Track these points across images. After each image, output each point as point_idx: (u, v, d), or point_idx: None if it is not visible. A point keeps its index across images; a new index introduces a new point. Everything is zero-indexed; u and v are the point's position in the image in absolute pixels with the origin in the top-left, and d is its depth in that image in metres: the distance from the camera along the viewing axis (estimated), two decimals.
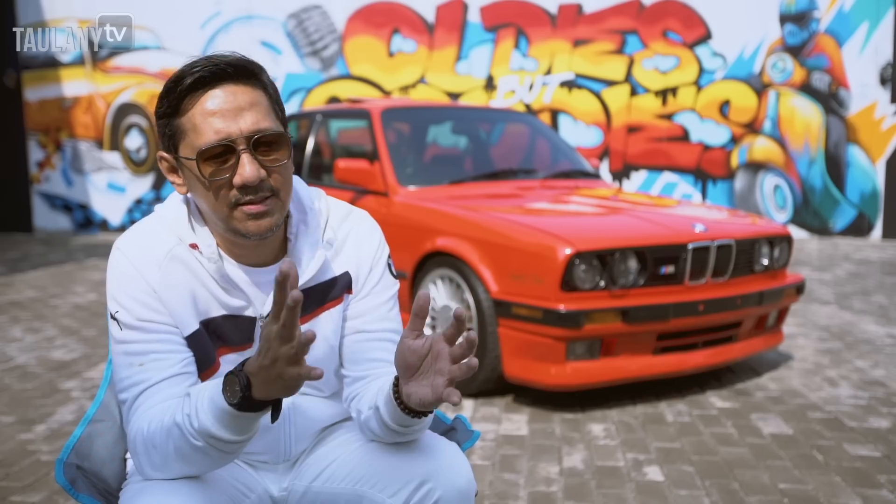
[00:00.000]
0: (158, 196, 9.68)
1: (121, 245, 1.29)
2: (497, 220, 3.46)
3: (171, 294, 1.25)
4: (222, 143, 1.18)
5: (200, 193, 1.23)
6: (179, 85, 1.19)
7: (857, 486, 2.55)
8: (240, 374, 1.08)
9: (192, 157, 1.19)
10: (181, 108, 1.20)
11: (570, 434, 3.03)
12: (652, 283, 3.28)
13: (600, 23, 9.20)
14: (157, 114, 1.24)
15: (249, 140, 1.19)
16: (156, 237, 1.28)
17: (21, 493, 2.49)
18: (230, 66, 1.20)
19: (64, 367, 3.94)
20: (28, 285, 6.19)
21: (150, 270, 1.25)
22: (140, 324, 1.23)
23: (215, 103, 1.19)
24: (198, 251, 1.27)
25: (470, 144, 4.97)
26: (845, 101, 9.02)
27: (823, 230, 9.15)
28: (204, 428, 1.11)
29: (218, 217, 1.23)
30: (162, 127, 1.24)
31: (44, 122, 9.74)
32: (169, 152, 1.25)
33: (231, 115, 1.18)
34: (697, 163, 9.23)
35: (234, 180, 1.19)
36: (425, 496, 1.24)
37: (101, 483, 1.34)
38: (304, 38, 9.44)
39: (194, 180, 1.22)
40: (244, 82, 1.22)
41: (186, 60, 1.23)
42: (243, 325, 1.30)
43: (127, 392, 1.23)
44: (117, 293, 1.25)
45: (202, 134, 1.18)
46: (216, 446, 1.13)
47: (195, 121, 1.19)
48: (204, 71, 1.19)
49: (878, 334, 4.64)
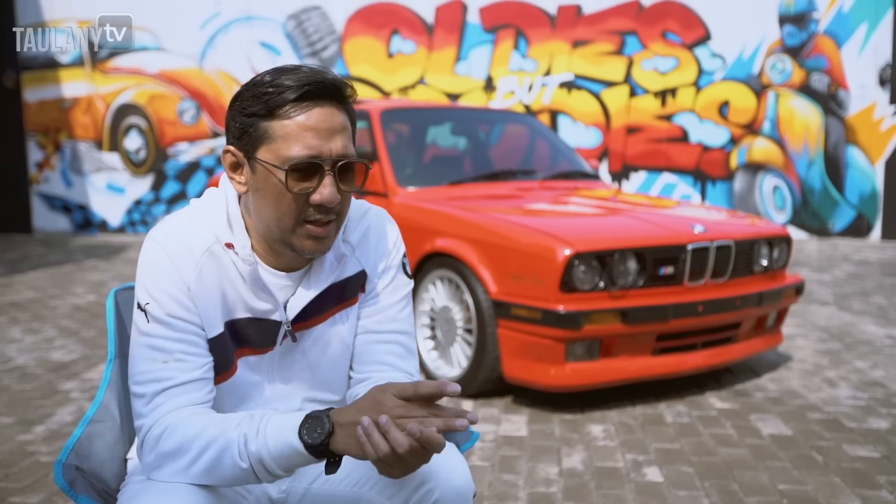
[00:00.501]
0: (157, 197, 9.69)
1: (158, 236, 1.26)
2: (496, 221, 3.46)
3: (204, 293, 1.24)
4: (313, 161, 1.18)
5: (268, 200, 1.22)
6: (281, 91, 1.18)
7: (856, 487, 2.55)
8: (325, 419, 1.10)
9: (276, 164, 1.19)
10: (277, 114, 1.19)
11: (570, 435, 3.03)
12: (651, 284, 3.28)
13: (599, 24, 9.20)
14: (243, 110, 1.22)
15: (336, 163, 1.20)
16: (193, 232, 1.26)
17: (20, 494, 2.49)
18: (335, 86, 1.21)
19: (63, 367, 3.93)
20: (27, 286, 6.19)
21: (187, 267, 1.24)
22: (169, 319, 1.22)
23: (314, 120, 1.19)
24: (233, 251, 1.26)
25: (469, 145, 4.97)
26: (844, 102, 9.02)
27: (823, 231, 9.16)
28: (259, 455, 1.12)
29: (278, 227, 1.23)
30: (244, 124, 1.22)
31: (43, 122, 9.74)
32: (243, 150, 1.23)
33: (325, 135, 1.19)
34: (697, 164, 9.23)
35: (312, 197, 1.20)
36: (423, 497, 1.24)
37: (99, 484, 1.34)
38: (304, 38, 9.44)
39: (265, 186, 1.21)
40: (339, 105, 1.23)
41: (281, 66, 1.23)
42: (268, 328, 1.30)
43: (145, 386, 1.21)
44: (150, 285, 1.23)
45: (293, 146, 1.18)
46: (257, 473, 1.14)
47: (289, 130, 1.19)
48: (312, 86, 1.19)
49: (877, 335, 4.64)
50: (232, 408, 1.31)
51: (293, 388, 1.36)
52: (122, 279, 6.54)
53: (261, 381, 1.33)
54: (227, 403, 1.31)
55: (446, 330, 3.55)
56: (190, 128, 9.61)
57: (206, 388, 1.24)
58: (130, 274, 6.78)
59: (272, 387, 1.34)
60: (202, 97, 9.56)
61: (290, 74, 1.20)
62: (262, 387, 1.33)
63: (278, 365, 1.34)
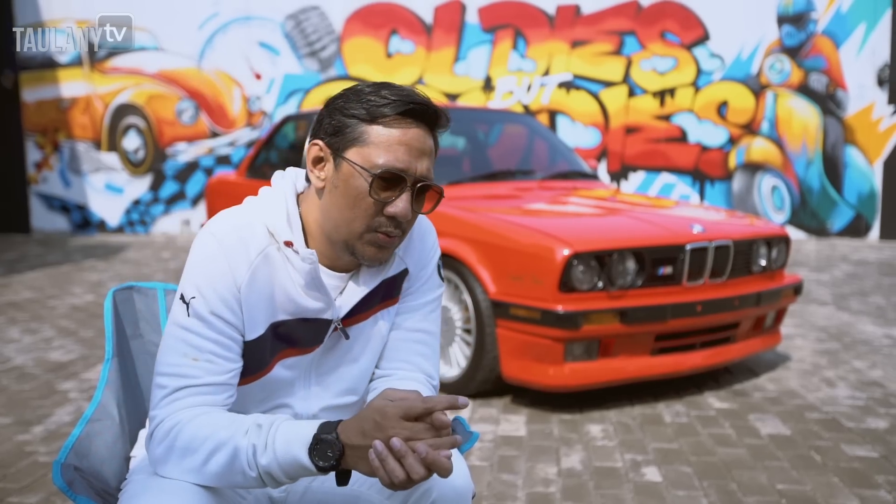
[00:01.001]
0: (156, 197, 9.68)
1: (216, 232, 1.25)
2: (495, 221, 3.46)
3: (253, 295, 1.24)
4: (400, 174, 1.22)
5: (344, 201, 1.24)
6: (389, 102, 1.22)
7: (854, 487, 2.56)
8: (336, 442, 1.10)
9: (363, 166, 1.22)
10: (378, 121, 1.23)
11: (569, 435, 3.03)
12: (650, 284, 3.28)
13: (598, 24, 9.21)
14: (344, 110, 1.24)
15: (416, 182, 1.24)
16: (251, 231, 1.26)
17: (18, 494, 2.49)
18: (436, 113, 1.26)
19: (61, 368, 3.93)
20: (25, 286, 6.18)
21: (241, 269, 1.23)
22: (210, 318, 1.21)
23: (409, 137, 1.23)
24: (292, 249, 1.26)
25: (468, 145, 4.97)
26: (843, 102, 9.03)
27: (821, 231, 9.16)
28: (268, 469, 1.13)
29: (348, 228, 1.25)
30: (342, 123, 1.24)
31: (41, 122, 9.73)
32: (332, 147, 1.25)
33: (416, 154, 1.23)
34: (695, 164, 9.24)
35: (388, 209, 1.23)
36: (422, 497, 1.24)
37: (99, 483, 1.34)
38: (303, 38, 9.44)
39: (345, 186, 1.23)
40: (432, 130, 1.27)
41: (384, 82, 1.28)
42: (318, 328, 1.30)
43: (168, 378, 1.21)
44: (200, 280, 1.22)
45: (384, 155, 1.22)
46: (265, 481, 1.15)
47: (384, 139, 1.22)
48: (417, 106, 1.23)
49: (875, 335, 4.64)
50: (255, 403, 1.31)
51: (322, 391, 1.35)
52: (121, 279, 6.54)
53: (293, 380, 1.33)
54: (251, 399, 1.31)
55: (445, 330, 3.55)
56: (188, 128, 9.60)
57: (227, 394, 1.23)
58: (129, 274, 6.78)
59: (306, 389, 1.34)
60: (201, 97, 9.55)
61: (395, 90, 1.24)
62: (292, 386, 1.33)
63: (318, 363, 1.34)
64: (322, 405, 1.36)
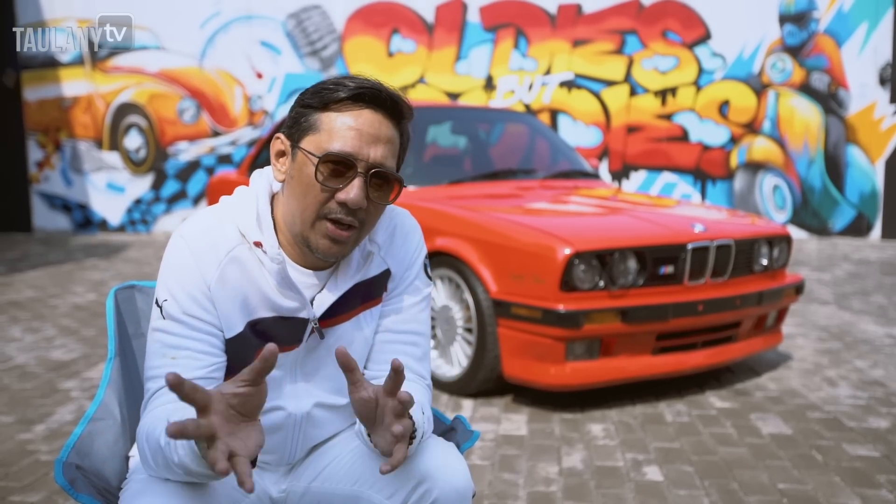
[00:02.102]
0: (157, 196, 9.69)
1: (185, 234, 1.27)
2: (496, 221, 3.46)
3: (225, 293, 1.25)
4: (348, 158, 1.21)
5: (298, 190, 1.24)
6: (339, 89, 1.22)
7: (856, 486, 2.55)
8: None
9: (313, 152, 1.22)
10: (329, 107, 1.23)
11: (570, 434, 3.03)
12: (651, 283, 3.28)
13: (600, 23, 9.20)
14: (301, 102, 1.26)
15: (370, 169, 1.23)
16: (221, 231, 1.27)
17: (20, 493, 2.49)
18: (391, 99, 1.24)
19: (63, 366, 3.94)
20: (27, 285, 6.19)
21: (210, 267, 1.24)
22: (185, 318, 1.23)
23: (360, 122, 1.23)
24: (261, 250, 1.27)
25: (469, 144, 4.97)
26: (844, 102, 9.02)
27: (822, 230, 9.16)
28: (184, 464, 1.08)
29: (300, 220, 1.24)
30: (298, 114, 1.26)
31: (43, 121, 9.74)
32: (290, 139, 1.27)
33: (368, 139, 1.22)
34: (697, 163, 9.23)
35: (339, 195, 1.22)
36: (422, 497, 1.24)
37: (100, 482, 1.34)
38: (304, 37, 9.44)
39: (299, 175, 1.24)
40: (392, 119, 1.26)
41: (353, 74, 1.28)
42: (295, 326, 1.30)
43: (152, 382, 1.23)
44: (171, 282, 1.24)
45: (334, 140, 1.22)
46: (200, 479, 1.11)
47: (335, 125, 1.22)
48: (367, 90, 1.22)
49: (877, 334, 4.64)
50: None
51: (312, 388, 1.36)
52: (122, 278, 6.54)
53: (281, 378, 1.33)
54: None
55: (446, 329, 3.55)
56: (190, 127, 9.61)
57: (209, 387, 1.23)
58: (130, 273, 6.79)
59: (293, 385, 1.35)
60: (202, 96, 9.56)
61: (354, 79, 1.24)
62: (281, 384, 1.33)
63: (302, 362, 1.34)
64: (314, 401, 1.36)
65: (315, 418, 1.37)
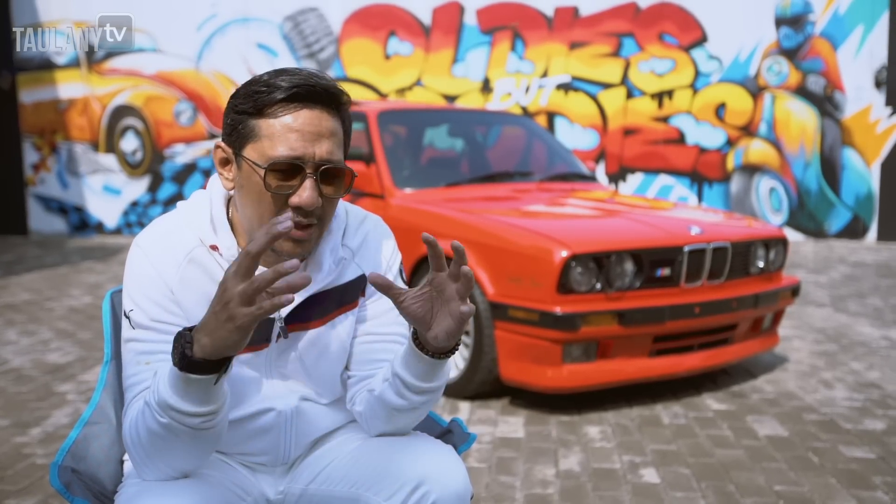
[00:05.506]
0: (154, 199, 9.67)
1: (141, 243, 1.28)
2: (493, 223, 3.46)
3: (188, 296, 1.25)
4: (294, 162, 1.19)
5: (250, 197, 1.23)
6: (272, 91, 1.20)
7: (852, 488, 2.56)
8: (184, 333, 1.06)
9: (258, 162, 1.20)
10: (264, 112, 1.21)
11: (567, 436, 3.03)
12: (648, 286, 3.28)
13: (596, 25, 9.21)
14: (235, 107, 1.23)
15: (318, 167, 1.21)
16: (177, 236, 1.28)
17: (16, 496, 2.49)
18: (326, 91, 1.22)
19: (59, 370, 3.93)
20: (23, 288, 6.17)
21: (169, 271, 1.25)
22: (152, 324, 1.24)
23: (300, 122, 1.20)
24: (217, 253, 1.27)
25: (466, 147, 4.97)
26: (840, 104, 9.04)
27: (819, 233, 9.17)
28: (163, 399, 1.09)
29: (258, 226, 1.23)
30: (235, 121, 1.23)
31: (39, 124, 9.72)
32: (231, 147, 1.25)
33: (310, 137, 1.20)
34: (693, 165, 9.24)
35: (291, 199, 1.21)
36: (421, 499, 1.24)
37: (96, 486, 1.34)
38: (301, 40, 9.44)
39: (248, 184, 1.23)
40: (331, 110, 1.23)
41: (281, 68, 1.24)
42: (261, 326, 1.30)
43: (130, 390, 1.23)
44: (134, 292, 1.25)
45: (277, 146, 1.19)
46: (180, 421, 1.10)
47: (274, 130, 1.20)
48: (301, 88, 1.20)
49: (873, 336, 4.65)
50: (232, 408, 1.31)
51: (291, 385, 1.36)
52: (119, 281, 6.53)
53: (258, 378, 1.33)
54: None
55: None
56: (186, 129, 9.60)
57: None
58: None
59: (270, 383, 1.35)
60: (199, 99, 9.55)
61: (285, 76, 1.21)
62: (259, 383, 1.34)
63: (276, 362, 1.34)
64: (299, 395, 1.36)
65: (304, 412, 1.37)
